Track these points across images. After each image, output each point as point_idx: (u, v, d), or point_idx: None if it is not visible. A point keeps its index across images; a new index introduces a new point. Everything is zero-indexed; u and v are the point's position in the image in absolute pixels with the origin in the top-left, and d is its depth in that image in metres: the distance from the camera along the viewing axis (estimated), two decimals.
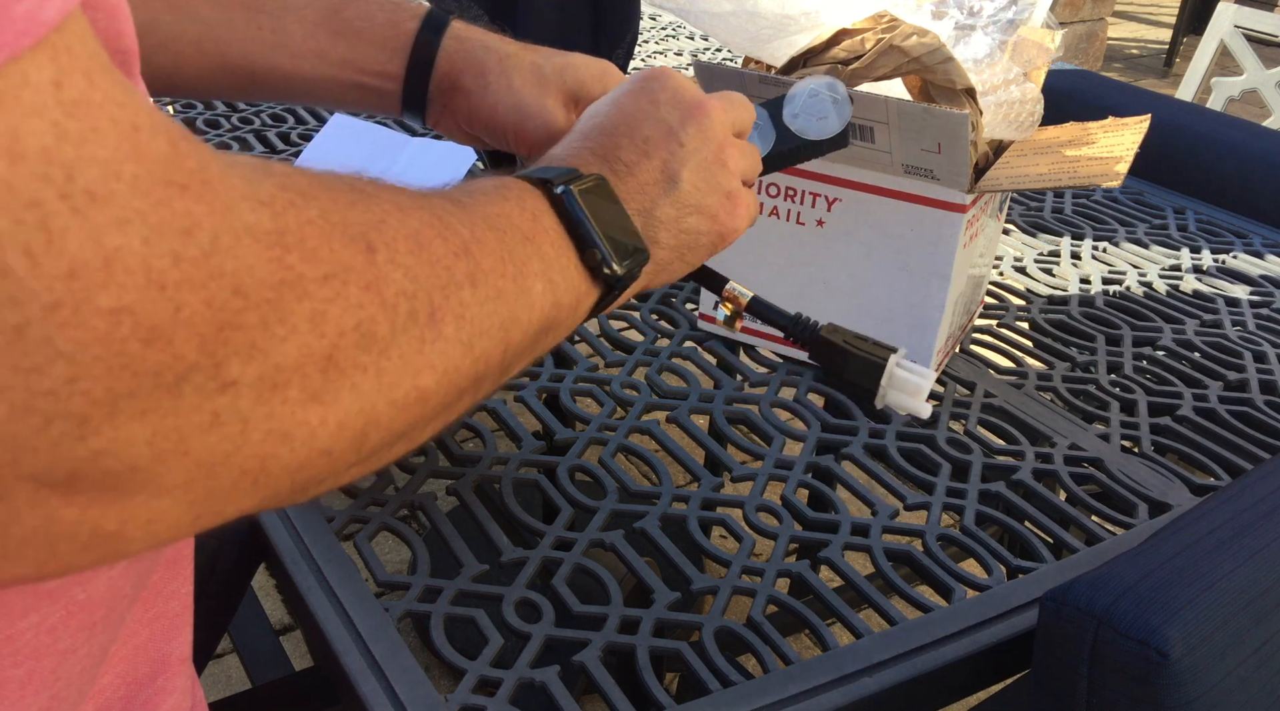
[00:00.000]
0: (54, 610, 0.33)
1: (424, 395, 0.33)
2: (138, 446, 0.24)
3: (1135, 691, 0.54)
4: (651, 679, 0.57)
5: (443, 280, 0.34)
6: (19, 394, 0.22)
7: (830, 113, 0.60)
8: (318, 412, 0.28)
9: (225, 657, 1.52)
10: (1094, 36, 4.43)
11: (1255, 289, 1.07)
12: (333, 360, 0.28)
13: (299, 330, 0.27)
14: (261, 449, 0.27)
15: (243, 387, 0.26)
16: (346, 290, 0.29)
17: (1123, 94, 1.54)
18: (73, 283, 0.22)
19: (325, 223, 0.29)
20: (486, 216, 0.39)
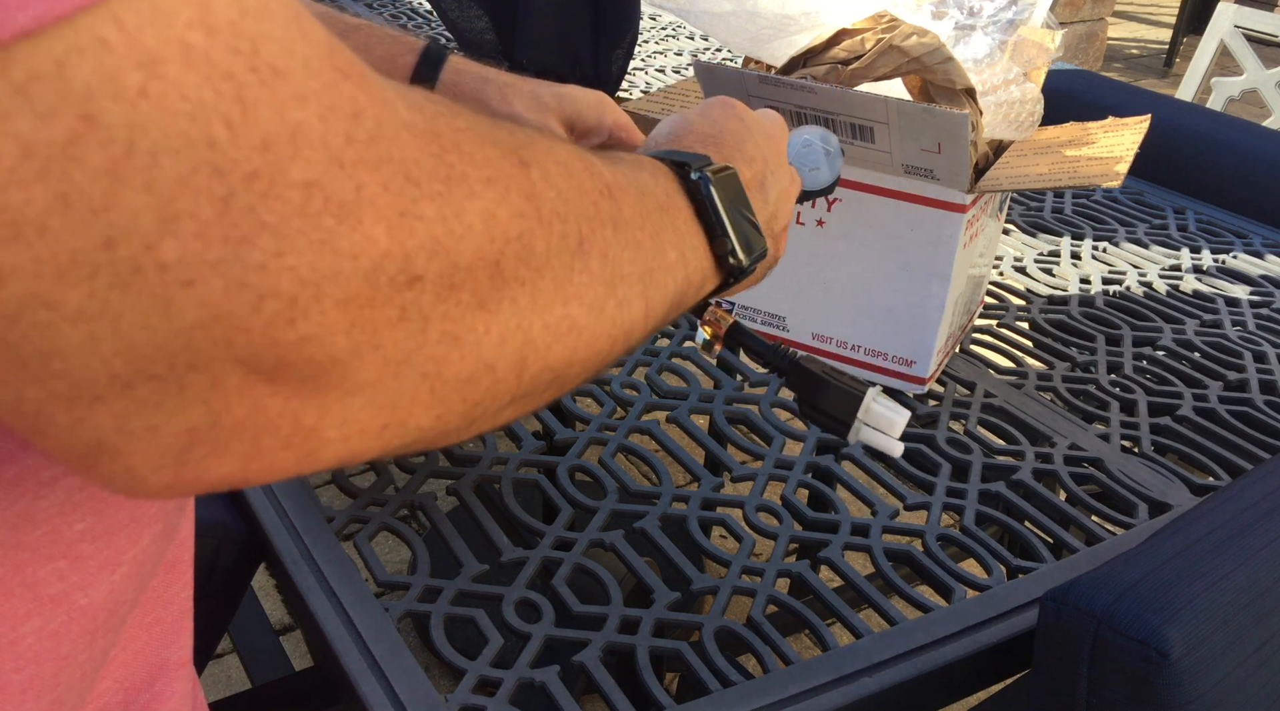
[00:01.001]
0: (56, 614, 0.33)
1: (575, 325, 0.33)
2: (338, 336, 0.25)
3: (1135, 691, 0.54)
4: (651, 679, 0.57)
5: (589, 212, 0.34)
6: (233, 267, 0.22)
7: (822, 164, 0.60)
8: (483, 319, 0.29)
9: (225, 657, 1.52)
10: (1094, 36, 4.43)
11: (1255, 289, 1.07)
12: (499, 267, 0.29)
13: (474, 229, 0.28)
14: (437, 350, 0.28)
15: (426, 284, 0.26)
16: (509, 196, 0.29)
17: (1123, 94, 1.54)
18: (266, 153, 0.22)
19: (476, 133, 0.29)
20: (627, 173, 0.39)
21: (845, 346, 0.84)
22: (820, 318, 0.84)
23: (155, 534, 0.37)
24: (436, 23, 1.67)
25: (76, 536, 0.33)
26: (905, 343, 0.81)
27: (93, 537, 0.34)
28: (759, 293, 0.85)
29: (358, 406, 0.27)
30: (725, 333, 0.55)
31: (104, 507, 0.34)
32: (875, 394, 0.53)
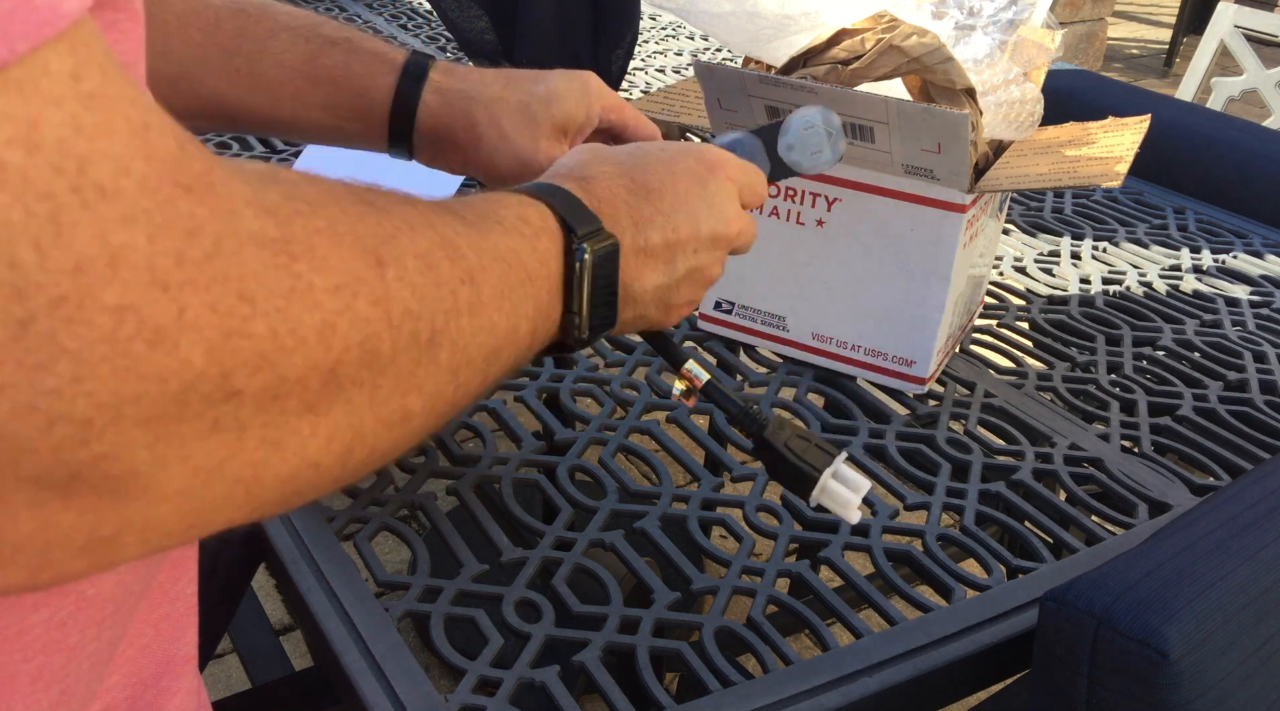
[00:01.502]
0: (64, 605, 0.34)
1: (408, 416, 0.33)
2: (140, 452, 0.24)
3: (1135, 691, 0.54)
4: (651, 679, 0.57)
5: (446, 305, 0.34)
6: (23, 392, 0.21)
7: (824, 146, 0.60)
8: (310, 423, 0.28)
9: (225, 657, 1.52)
10: (1094, 36, 4.43)
11: (1255, 289, 1.07)
12: (334, 374, 0.28)
13: (308, 342, 0.27)
14: (255, 456, 0.27)
15: (246, 397, 0.26)
16: (356, 303, 0.29)
17: (1123, 94, 1.54)
18: (78, 278, 0.21)
19: (333, 233, 0.29)
20: (496, 248, 0.39)
21: (845, 346, 0.84)
22: (820, 318, 0.84)
23: None
24: (436, 23, 1.67)
25: None
26: (905, 343, 0.82)
27: None
28: (759, 293, 0.85)
29: (162, 514, 0.26)
30: (701, 389, 0.56)
31: None
32: (836, 468, 0.55)
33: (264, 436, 0.27)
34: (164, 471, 0.25)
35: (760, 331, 0.87)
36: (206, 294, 0.24)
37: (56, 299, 0.21)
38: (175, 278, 0.23)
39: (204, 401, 0.24)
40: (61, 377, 0.22)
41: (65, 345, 0.21)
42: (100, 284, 0.22)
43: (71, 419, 0.22)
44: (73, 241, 0.21)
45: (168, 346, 0.23)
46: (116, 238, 0.22)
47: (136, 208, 0.22)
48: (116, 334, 0.22)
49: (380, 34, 1.59)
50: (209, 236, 0.24)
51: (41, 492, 0.23)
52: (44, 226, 0.21)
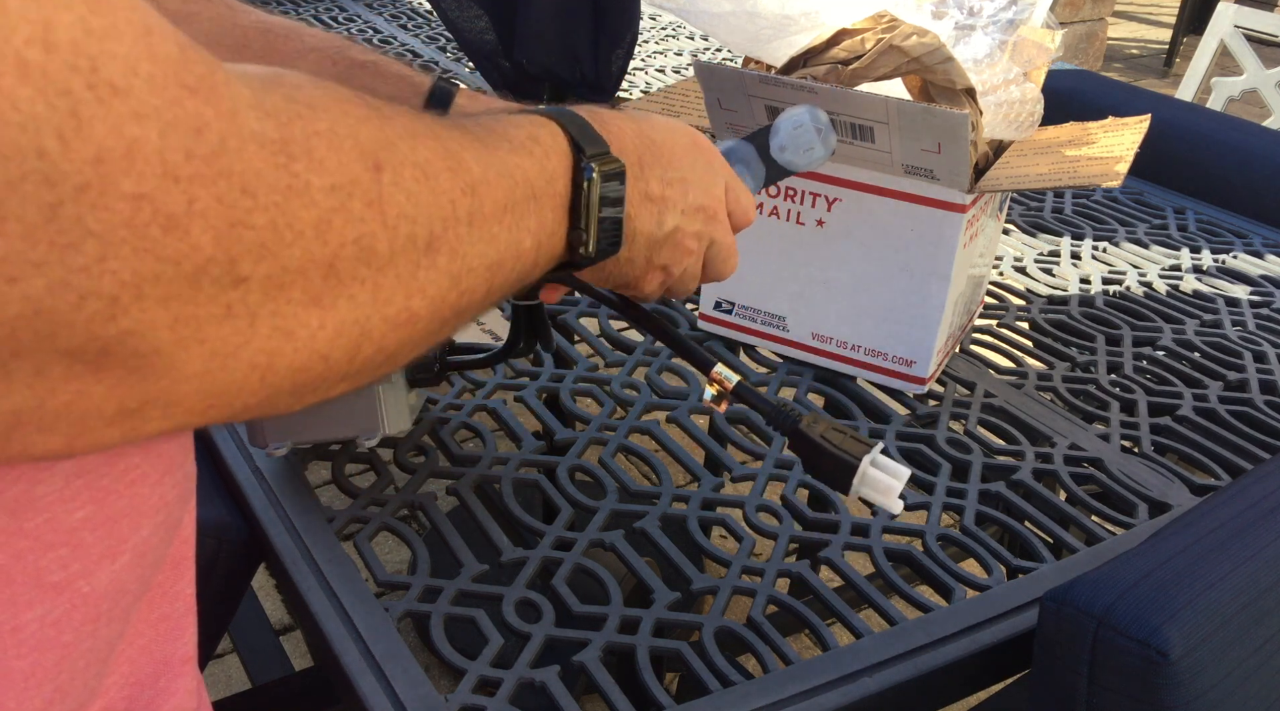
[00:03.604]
0: (59, 602, 0.34)
1: (414, 317, 0.35)
2: (160, 331, 0.26)
3: (1135, 691, 0.54)
4: (651, 679, 0.57)
5: (444, 212, 0.35)
6: (56, 270, 0.24)
7: (816, 143, 0.61)
8: (317, 316, 0.30)
9: (225, 657, 1.52)
10: (1094, 36, 4.43)
11: (1255, 289, 1.07)
12: (333, 268, 0.30)
13: (305, 236, 0.29)
14: (268, 344, 0.29)
15: (253, 284, 0.28)
16: (350, 203, 0.30)
17: (1123, 94, 1.54)
18: (99, 167, 0.23)
19: (333, 136, 0.30)
20: (503, 164, 0.40)
21: (845, 346, 0.84)
22: (820, 318, 0.84)
23: (157, 524, 0.37)
24: (436, 23, 1.67)
25: (77, 523, 0.33)
26: (905, 342, 0.81)
27: (93, 525, 0.34)
28: (759, 293, 0.85)
29: (184, 393, 0.28)
30: (731, 390, 0.56)
31: (104, 495, 0.34)
32: (874, 457, 0.54)
33: (274, 325, 0.29)
34: (184, 352, 0.27)
35: (760, 331, 0.87)
36: (213, 187, 0.26)
37: (81, 186, 0.23)
38: (184, 171, 0.25)
39: (215, 285, 0.27)
40: (89, 256, 0.24)
41: (91, 227, 0.24)
42: (118, 173, 0.24)
43: (100, 295, 0.25)
44: (92, 134, 0.23)
45: (179, 232, 0.25)
46: (130, 132, 0.24)
47: (146, 105, 0.24)
48: (135, 219, 0.24)
49: (380, 34, 1.59)
50: (214, 134, 0.26)
51: (76, 365, 0.25)
52: (66, 119, 0.23)
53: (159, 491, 0.37)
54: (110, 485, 0.34)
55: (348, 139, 0.31)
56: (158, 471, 0.37)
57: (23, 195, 0.23)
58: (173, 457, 0.38)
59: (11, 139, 0.22)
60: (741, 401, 0.57)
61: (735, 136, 0.63)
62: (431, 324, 0.36)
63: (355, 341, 0.32)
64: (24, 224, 0.23)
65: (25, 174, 0.22)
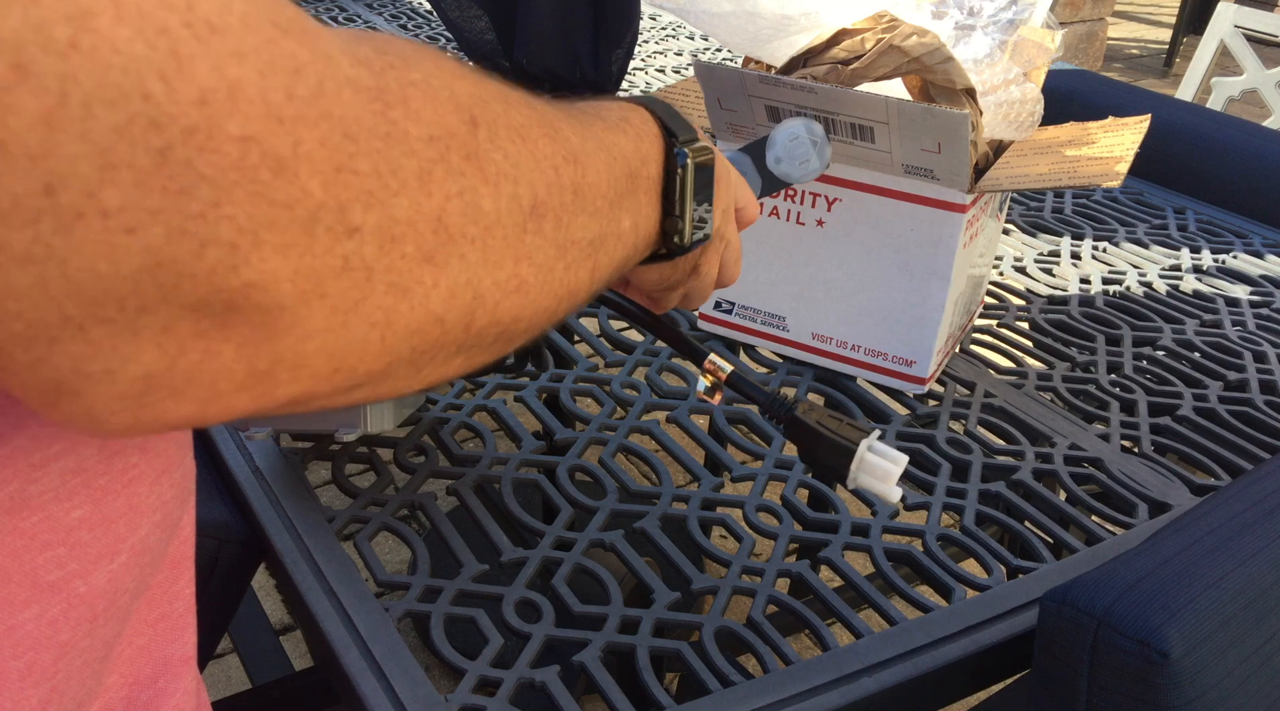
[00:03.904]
0: (55, 602, 0.34)
1: (524, 284, 0.34)
2: (283, 283, 0.26)
3: (1135, 691, 0.54)
4: (651, 679, 0.57)
5: (547, 178, 0.35)
6: (172, 216, 0.23)
7: (811, 155, 0.61)
8: (431, 273, 0.30)
9: (225, 657, 1.52)
10: (1094, 36, 4.43)
11: (1255, 289, 1.07)
12: (441, 222, 0.30)
13: (409, 185, 0.28)
14: (385, 300, 0.29)
15: (366, 234, 0.27)
16: (449, 155, 0.30)
17: (1123, 94, 1.54)
18: (204, 108, 0.23)
19: (427, 87, 0.30)
20: (600, 138, 0.40)
21: (845, 346, 0.84)
22: (820, 317, 0.84)
23: (155, 523, 0.37)
24: (436, 23, 1.67)
25: (74, 523, 0.33)
26: (905, 343, 0.81)
27: (90, 525, 0.34)
28: (759, 293, 0.85)
29: (309, 352, 0.28)
30: (726, 380, 0.56)
31: (101, 494, 0.34)
32: (871, 443, 0.54)
33: (390, 281, 0.29)
34: (306, 306, 0.27)
35: (760, 331, 0.87)
36: (316, 129, 0.25)
37: (188, 128, 0.23)
38: (287, 112, 0.25)
39: (329, 234, 0.26)
40: (204, 202, 0.24)
41: (202, 171, 0.23)
42: (223, 115, 0.23)
43: (219, 242, 0.24)
44: (194, 74, 0.23)
45: (289, 175, 0.25)
46: (231, 71, 0.23)
47: (244, 43, 0.24)
48: (244, 161, 0.24)
49: None
50: (312, 76, 0.26)
51: (202, 322, 0.25)
52: (166, 59, 0.22)
53: (157, 490, 0.37)
54: (107, 484, 0.34)
55: (443, 91, 0.31)
56: (155, 470, 0.37)
57: (131, 140, 0.22)
58: (171, 457, 0.38)
59: (115, 82, 0.22)
60: (736, 391, 0.57)
61: (735, 137, 0.63)
62: (541, 296, 0.36)
63: (469, 305, 0.32)
64: (136, 171, 0.23)
65: (132, 118, 0.22)
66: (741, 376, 0.56)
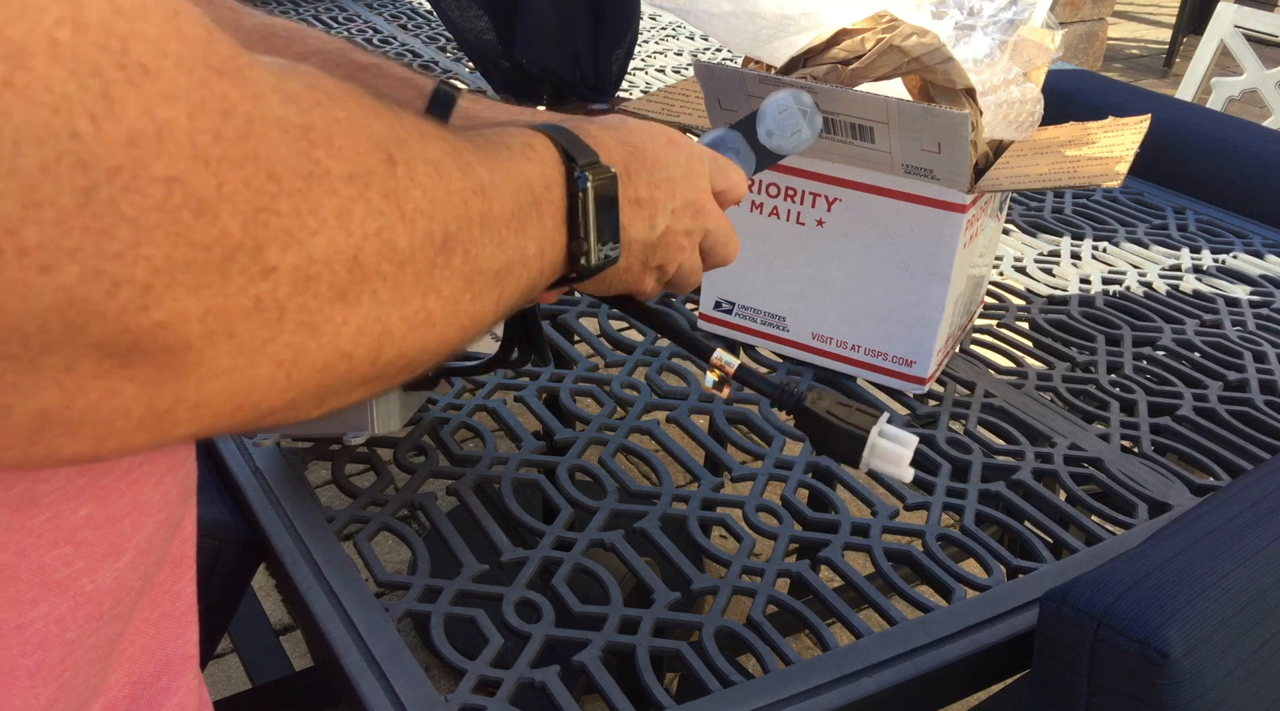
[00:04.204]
0: (62, 600, 0.34)
1: (430, 318, 0.35)
2: (191, 323, 0.26)
3: (1135, 691, 0.54)
4: (651, 679, 0.57)
5: (458, 212, 0.35)
6: (90, 257, 0.23)
7: (802, 125, 0.61)
8: (342, 311, 0.30)
9: (225, 657, 1.52)
10: (1094, 36, 4.43)
11: (1255, 289, 1.07)
12: (357, 261, 0.30)
13: (328, 224, 0.29)
14: (294, 339, 0.29)
15: (281, 275, 0.28)
16: (368, 193, 0.30)
17: (1123, 94, 1.54)
18: (131, 149, 0.23)
19: (350, 124, 0.30)
20: (506, 168, 0.40)
21: (845, 346, 0.84)
22: (820, 318, 0.84)
23: (159, 522, 0.37)
24: (436, 23, 1.67)
25: (80, 522, 0.33)
26: (905, 343, 0.82)
27: (96, 524, 0.34)
28: (759, 293, 0.85)
29: (212, 392, 0.28)
30: (734, 374, 0.56)
31: (107, 493, 0.34)
32: (881, 427, 0.54)
33: (300, 320, 0.29)
34: (213, 347, 0.27)
35: (760, 331, 0.87)
36: (240, 170, 0.26)
37: (114, 168, 0.23)
38: (214, 153, 0.25)
39: (244, 274, 0.27)
40: (123, 242, 0.24)
41: (125, 212, 0.24)
42: (150, 156, 0.24)
43: (133, 282, 0.24)
44: (124, 115, 0.23)
45: (210, 216, 0.25)
46: (161, 113, 0.24)
47: (176, 87, 0.24)
48: (167, 202, 0.24)
49: (380, 34, 1.59)
50: (241, 117, 0.26)
51: (105, 361, 0.25)
52: (97, 100, 0.23)
53: (161, 490, 0.37)
54: (113, 484, 0.34)
55: (363, 129, 0.31)
56: (160, 470, 0.37)
57: (57, 178, 0.22)
58: (174, 456, 0.38)
59: (45, 121, 0.22)
60: (744, 385, 0.57)
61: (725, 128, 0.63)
62: (447, 329, 0.36)
63: (377, 340, 0.32)
64: (58, 209, 0.23)
65: (59, 156, 0.22)
66: (749, 370, 0.57)
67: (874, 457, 0.54)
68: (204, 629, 0.45)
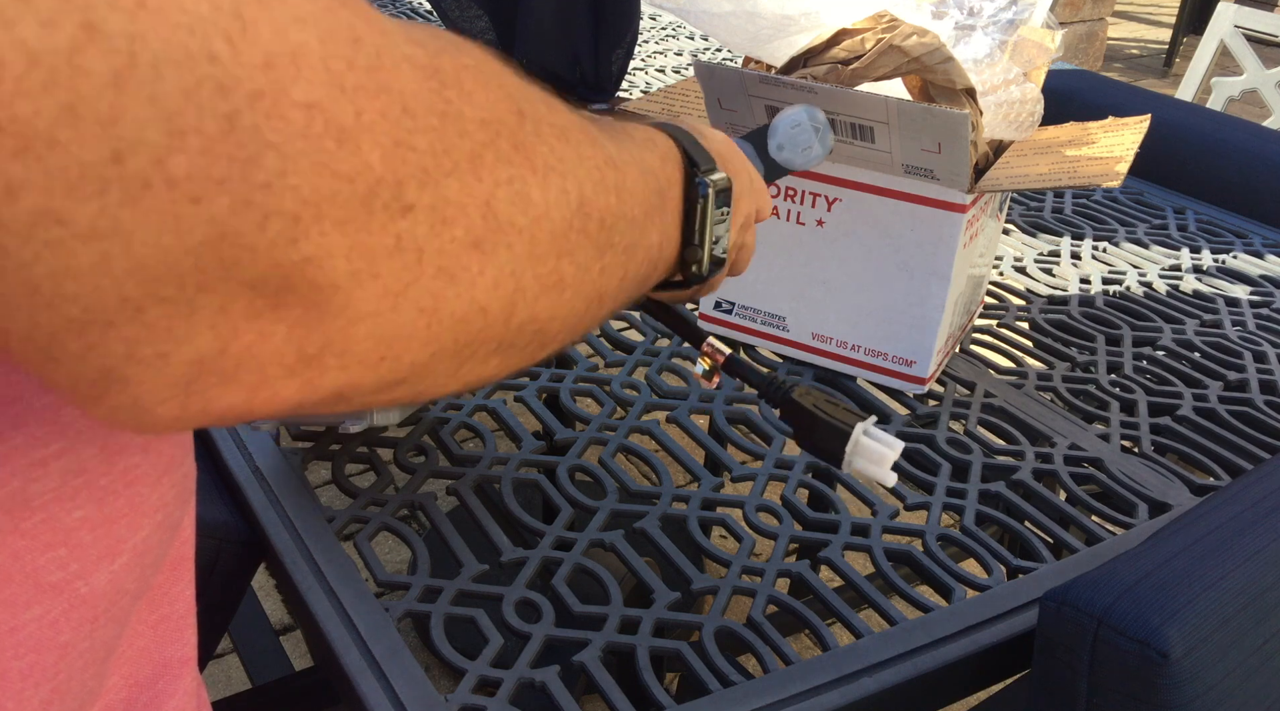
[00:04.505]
0: (56, 602, 0.34)
1: (563, 281, 0.34)
2: (338, 260, 0.25)
3: (1135, 691, 0.54)
4: (651, 679, 0.57)
5: (593, 177, 0.35)
6: (239, 186, 0.23)
7: (814, 142, 0.61)
8: (478, 260, 0.30)
9: (225, 657, 1.52)
10: (1094, 36, 4.43)
11: (1255, 289, 1.07)
12: (491, 208, 0.30)
13: (461, 166, 0.28)
14: (433, 285, 0.28)
15: (419, 213, 0.27)
16: (499, 141, 0.30)
17: (1123, 94, 1.54)
18: (269, 72, 0.23)
19: (480, 72, 0.30)
20: (633, 152, 0.40)
21: (845, 346, 0.84)
22: (820, 318, 0.84)
23: (156, 524, 0.37)
24: (436, 23, 1.67)
25: (75, 523, 0.33)
26: (905, 343, 0.81)
27: (92, 525, 0.34)
28: (759, 293, 0.85)
29: (358, 336, 0.27)
30: (724, 363, 0.56)
31: (103, 495, 0.34)
32: (866, 426, 0.54)
33: (439, 265, 0.28)
34: (359, 287, 0.26)
35: (760, 331, 0.87)
36: (376, 100, 0.25)
37: (254, 93, 0.22)
38: (349, 81, 0.25)
39: (386, 211, 0.26)
40: (270, 171, 0.23)
41: (269, 139, 0.23)
42: (288, 80, 0.23)
43: (282, 213, 0.24)
44: (258, 36, 0.22)
45: (351, 146, 0.25)
46: (294, 36, 0.23)
47: (304, 10, 0.24)
48: (309, 129, 0.24)
49: None
50: (371, 47, 0.25)
51: (257, 301, 0.25)
52: (230, 20, 0.22)
53: (158, 491, 0.37)
54: (109, 485, 0.34)
55: (494, 79, 0.31)
56: (157, 471, 0.37)
57: (199, 104, 0.22)
58: (171, 457, 0.38)
59: (182, 43, 0.21)
60: (733, 374, 0.57)
61: (735, 136, 0.63)
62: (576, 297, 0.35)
63: (510, 296, 0.32)
64: (204, 137, 0.22)
65: (199, 81, 0.22)
66: (740, 359, 0.57)
67: (857, 455, 0.54)
68: (204, 629, 0.45)
